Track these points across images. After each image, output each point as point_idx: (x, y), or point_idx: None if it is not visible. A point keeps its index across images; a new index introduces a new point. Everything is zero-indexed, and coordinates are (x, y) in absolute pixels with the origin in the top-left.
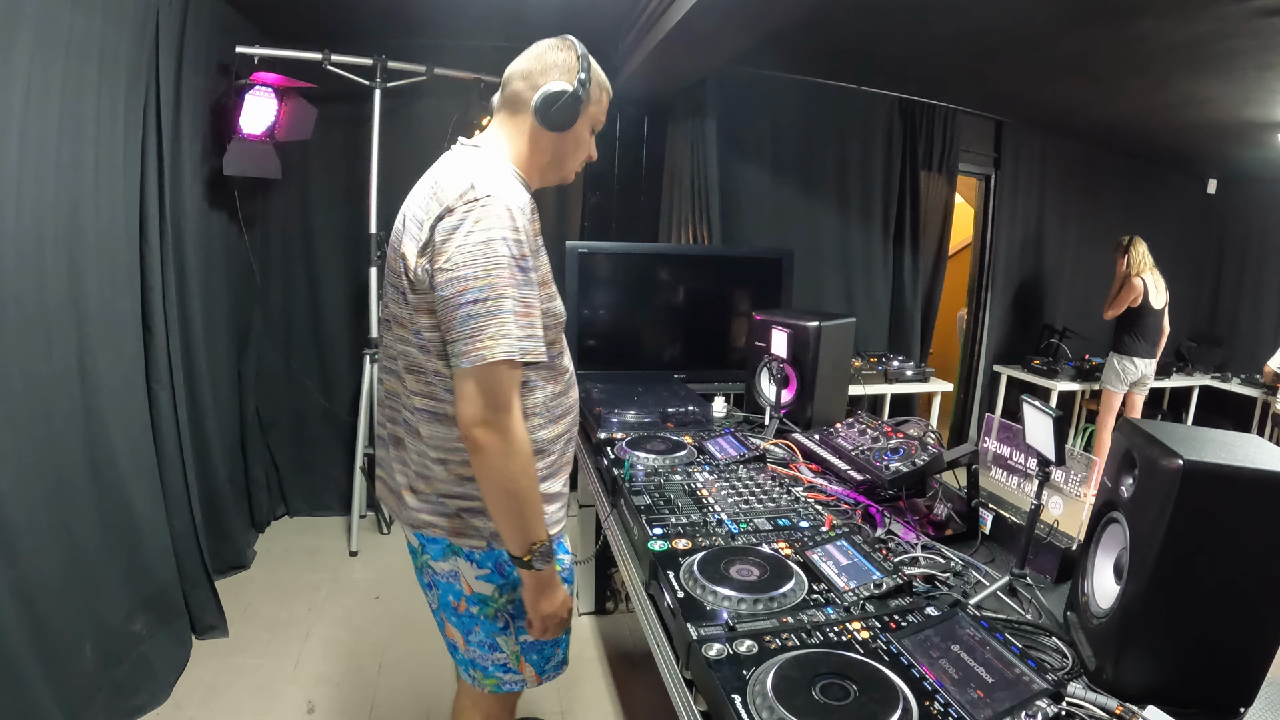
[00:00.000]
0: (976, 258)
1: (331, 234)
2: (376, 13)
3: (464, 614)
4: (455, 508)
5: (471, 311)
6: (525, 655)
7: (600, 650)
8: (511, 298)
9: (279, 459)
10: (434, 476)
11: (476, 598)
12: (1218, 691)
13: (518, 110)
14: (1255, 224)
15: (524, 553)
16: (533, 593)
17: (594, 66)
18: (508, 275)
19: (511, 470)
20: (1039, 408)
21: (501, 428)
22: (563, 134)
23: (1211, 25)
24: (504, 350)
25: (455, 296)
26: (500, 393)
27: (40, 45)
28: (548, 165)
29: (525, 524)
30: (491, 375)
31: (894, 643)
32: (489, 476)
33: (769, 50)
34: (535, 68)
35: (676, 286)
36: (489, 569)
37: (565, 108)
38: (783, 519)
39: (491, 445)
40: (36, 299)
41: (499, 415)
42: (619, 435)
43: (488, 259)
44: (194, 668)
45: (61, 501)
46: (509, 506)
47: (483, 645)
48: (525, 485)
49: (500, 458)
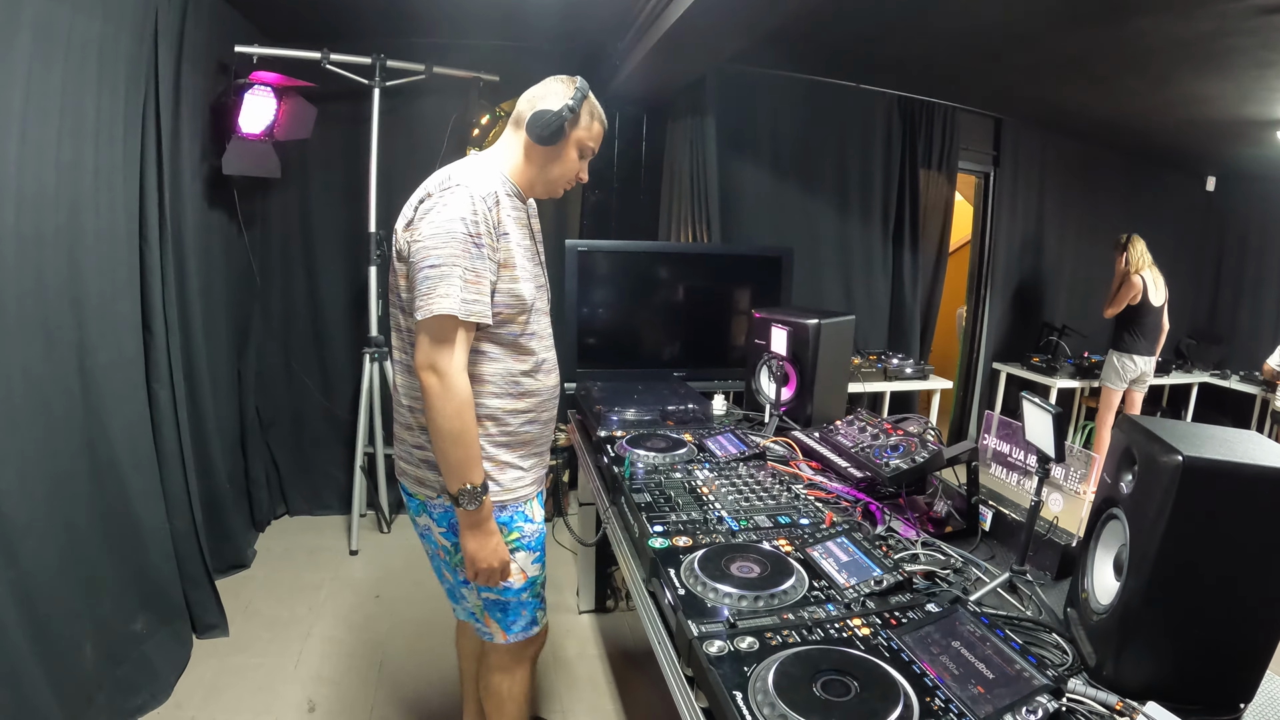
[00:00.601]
0: (976, 255)
1: (331, 233)
2: (375, 12)
3: (442, 560)
4: (418, 458)
5: (428, 274)
6: (489, 610)
7: (601, 648)
8: (462, 266)
9: (279, 458)
10: (405, 423)
11: (445, 549)
12: (1217, 687)
13: (518, 126)
14: (1254, 221)
15: (455, 489)
16: (464, 531)
17: (589, 98)
18: (461, 248)
19: (448, 410)
20: (1039, 404)
21: (441, 370)
22: (549, 149)
23: (1210, 23)
24: (447, 306)
25: (419, 262)
26: (443, 341)
27: (40, 45)
28: (536, 176)
29: (458, 464)
30: (437, 326)
31: (894, 639)
32: (431, 416)
33: (768, 49)
34: (539, 93)
35: (676, 285)
36: (445, 526)
37: (549, 124)
38: (783, 516)
39: (432, 387)
40: (36, 299)
41: (440, 360)
42: (619, 433)
43: (447, 234)
44: (195, 667)
45: (62, 501)
46: (445, 445)
47: (453, 593)
48: (459, 428)
49: (439, 399)
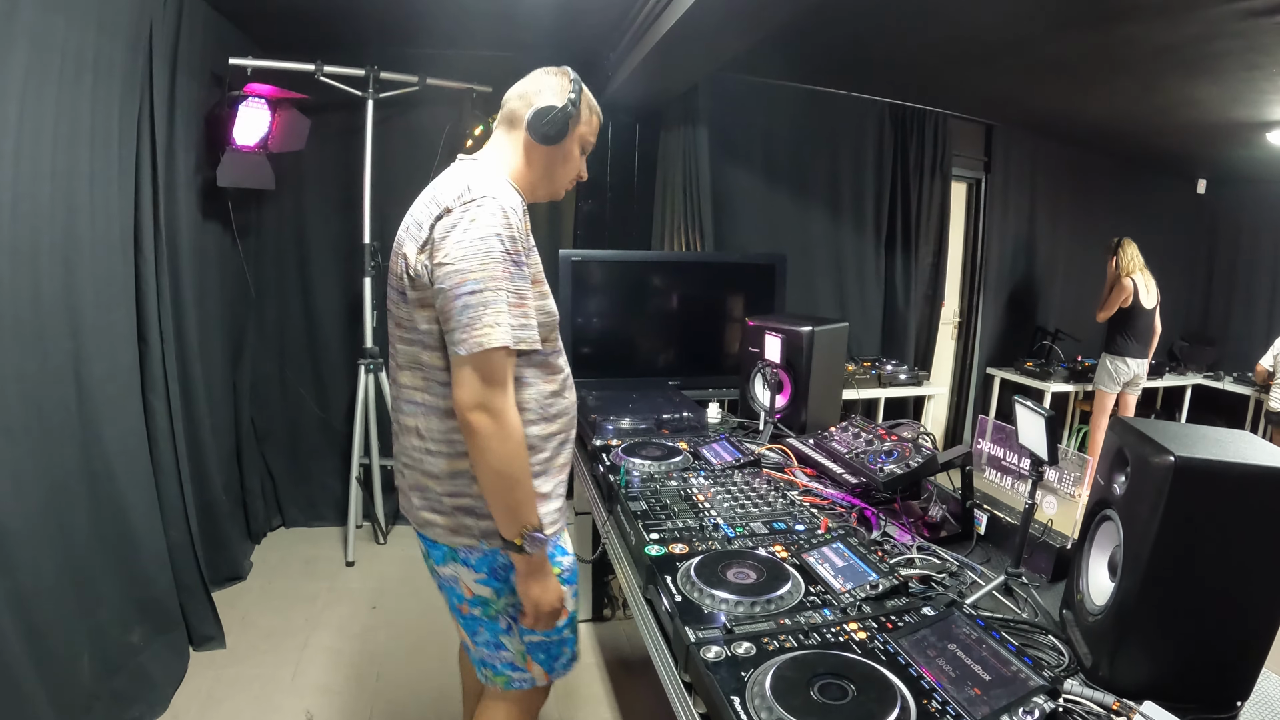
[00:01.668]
0: (968, 261)
1: (325, 244)
2: (369, 23)
3: (468, 616)
4: (450, 505)
5: (469, 301)
6: (531, 654)
7: (599, 657)
8: (505, 289)
9: (275, 469)
10: (433, 471)
11: (477, 600)
12: (1214, 685)
13: (513, 126)
14: (1245, 223)
15: (515, 535)
16: (524, 578)
17: (585, 90)
18: (502, 269)
19: (504, 452)
20: (1031, 408)
21: (495, 410)
22: (553, 148)
23: (1198, 27)
24: (499, 337)
25: (454, 288)
26: (495, 377)
27: (35, 56)
28: (539, 178)
29: (517, 507)
30: (487, 361)
31: (891, 643)
32: (483, 459)
33: (760, 57)
34: (531, 88)
35: (670, 293)
36: (485, 573)
37: (555, 121)
38: (778, 522)
39: (486, 427)
40: (32, 309)
41: (493, 398)
42: (614, 442)
43: (483, 254)
44: (192, 678)
45: (58, 512)
46: (501, 488)
47: (489, 645)
48: (517, 468)
49: (494, 440)
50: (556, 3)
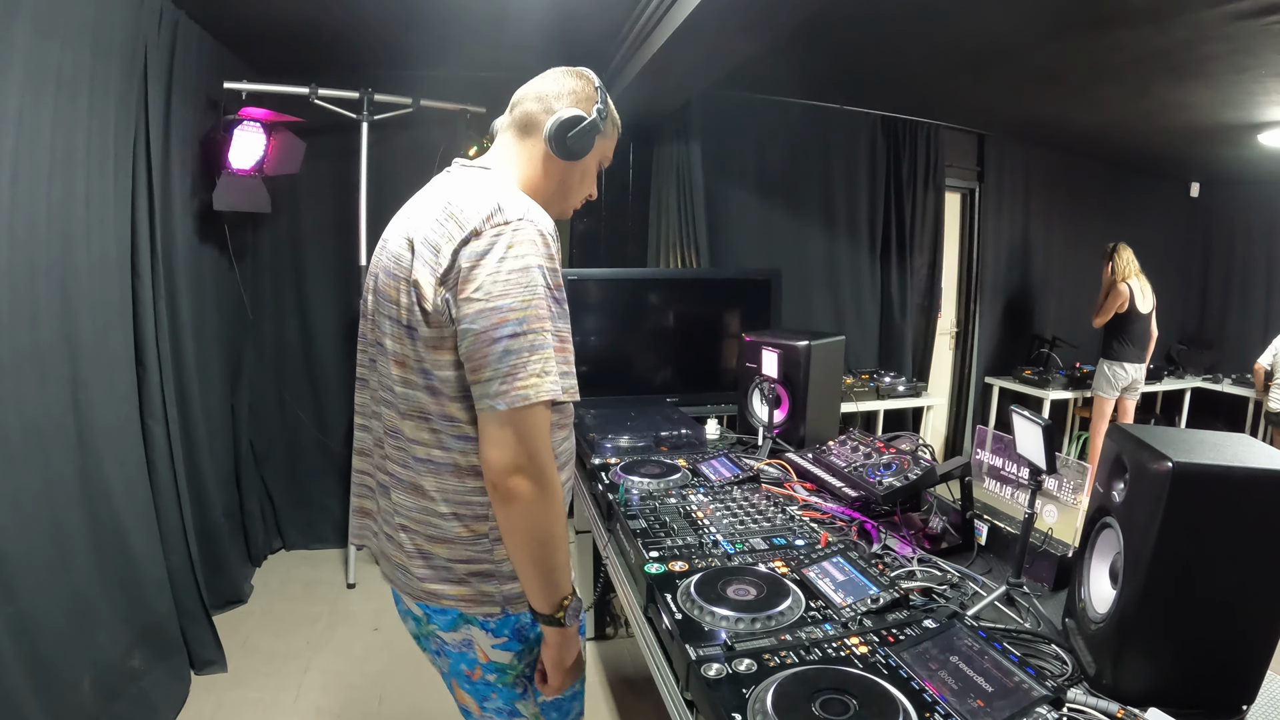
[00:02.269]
0: (964, 271)
1: (322, 266)
2: (362, 46)
3: (479, 682)
4: (465, 573)
5: (510, 346)
6: (545, 715)
7: (602, 676)
8: (551, 331)
9: (274, 492)
10: (442, 536)
11: (493, 666)
12: (1219, 691)
13: (529, 133)
14: (1239, 225)
15: (554, 609)
16: (557, 650)
17: (609, 100)
18: (545, 307)
19: (548, 520)
20: (1028, 417)
21: (537, 474)
22: (573, 164)
23: (1186, 31)
24: (548, 389)
25: (490, 330)
26: (539, 436)
27: (30, 81)
28: (554, 195)
29: (556, 578)
30: (531, 417)
31: (892, 656)
32: (522, 527)
33: (751, 73)
34: (550, 90)
35: (666, 310)
36: (506, 636)
37: (581, 135)
38: (778, 538)
39: (528, 494)
40: (29, 334)
41: (536, 460)
42: (613, 460)
43: (526, 288)
44: (193, 703)
45: (58, 537)
46: (541, 560)
47: (500, 712)
48: (558, 535)
49: (537, 506)
50: (548, 22)
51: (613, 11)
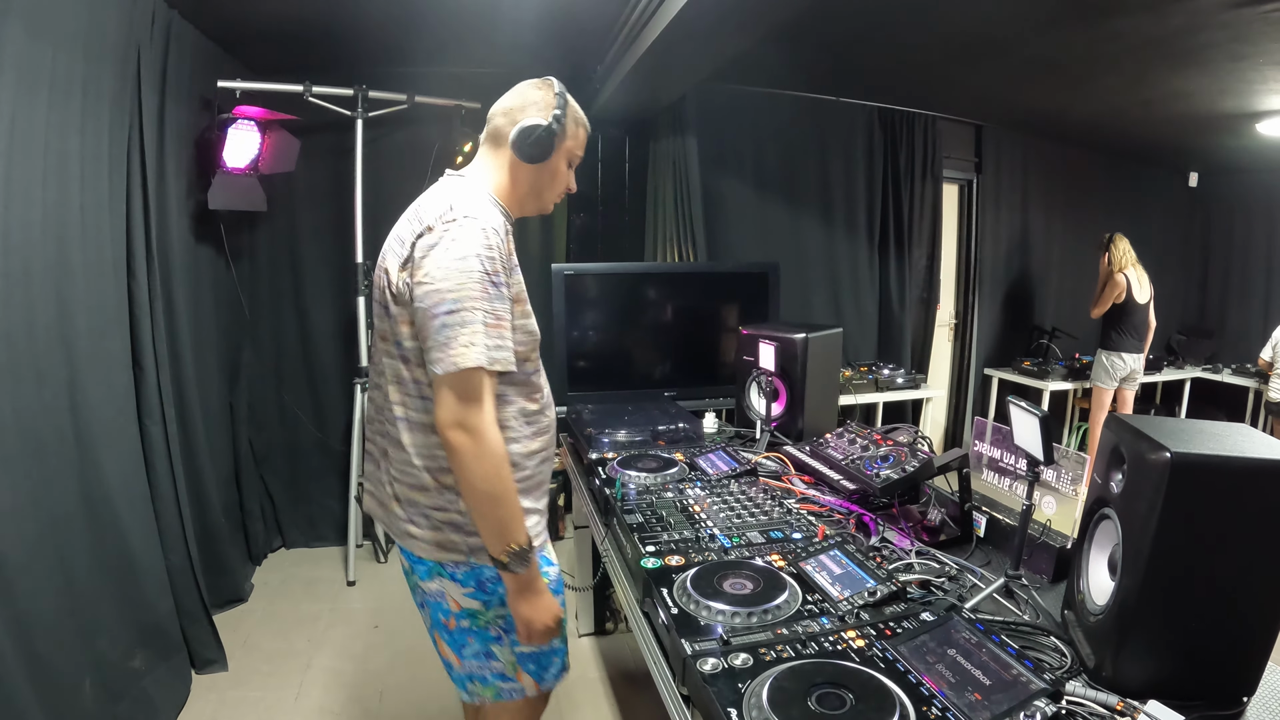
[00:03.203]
0: (962, 263)
1: (318, 264)
2: (356, 43)
3: (455, 630)
4: (439, 520)
5: (446, 321)
6: (522, 664)
7: (602, 671)
8: (483, 309)
9: (274, 491)
10: (419, 484)
11: (466, 613)
12: (1219, 682)
13: (498, 144)
14: (1238, 214)
15: (501, 553)
16: (514, 596)
17: (571, 103)
18: (480, 289)
19: (485, 470)
20: (1025, 408)
21: (473, 429)
22: (539, 166)
23: (1182, 19)
24: (474, 357)
25: (432, 307)
26: (471, 396)
27: (23, 83)
28: (526, 195)
29: (502, 525)
30: (463, 380)
31: (889, 649)
32: (465, 477)
33: (747, 65)
34: (516, 104)
35: (663, 304)
36: (472, 587)
37: (539, 141)
38: (775, 531)
39: (465, 446)
40: (26, 336)
41: (470, 417)
42: (610, 455)
43: (462, 274)
44: (195, 702)
45: (57, 538)
46: (486, 506)
47: (478, 655)
48: (500, 488)
49: (474, 459)
50: (542, 17)
51: (606, 7)
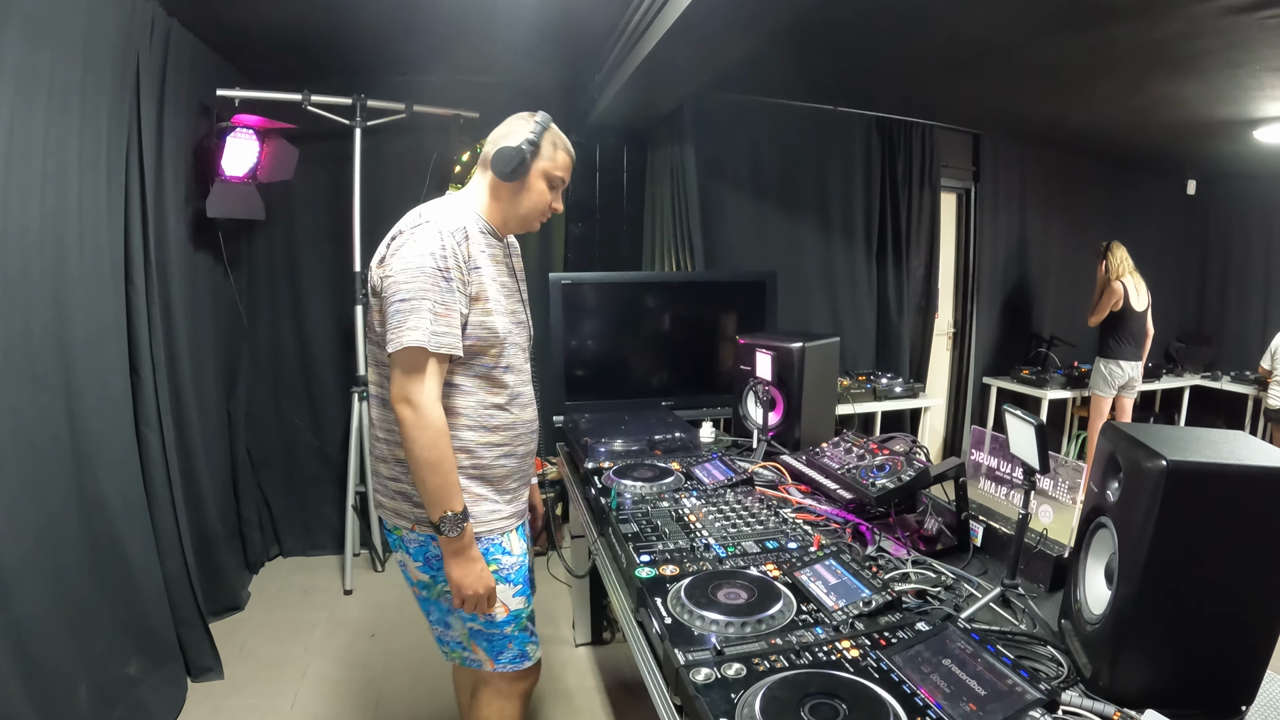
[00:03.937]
0: (960, 271)
1: (316, 272)
2: (355, 52)
3: (420, 598)
4: (394, 490)
5: (399, 308)
6: (474, 639)
7: (599, 680)
8: (431, 299)
9: (271, 499)
10: (381, 456)
11: (421, 584)
12: (1217, 691)
13: (485, 167)
14: (1235, 221)
15: (436, 519)
16: (447, 559)
17: (551, 129)
18: (430, 282)
19: (424, 440)
20: (1020, 416)
21: (414, 402)
22: (514, 183)
23: (1179, 26)
24: (417, 339)
25: (391, 296)
26: (414, 371)
27: (22, 89)
28: (507, 212)
29: (438, 492)
30: (407, 358)
31: (884, 660)
32: (408, 446)
33: (744, 75)
34: (503, 132)
35: (661, 314)
36: (420, 560)
37: (509, 159)
38: (770, 541)
39: (407, 418)
40: (23, 343)
41: (412, 391)
42: (606, 464)
43: (416, 269)
44: (190, 710)
45: (53, 545)
46: (425, 474)
47: (440, 623)
48: (436, 456)
49: (414, 429)
50: (539, 27)
51: (604, 15)
